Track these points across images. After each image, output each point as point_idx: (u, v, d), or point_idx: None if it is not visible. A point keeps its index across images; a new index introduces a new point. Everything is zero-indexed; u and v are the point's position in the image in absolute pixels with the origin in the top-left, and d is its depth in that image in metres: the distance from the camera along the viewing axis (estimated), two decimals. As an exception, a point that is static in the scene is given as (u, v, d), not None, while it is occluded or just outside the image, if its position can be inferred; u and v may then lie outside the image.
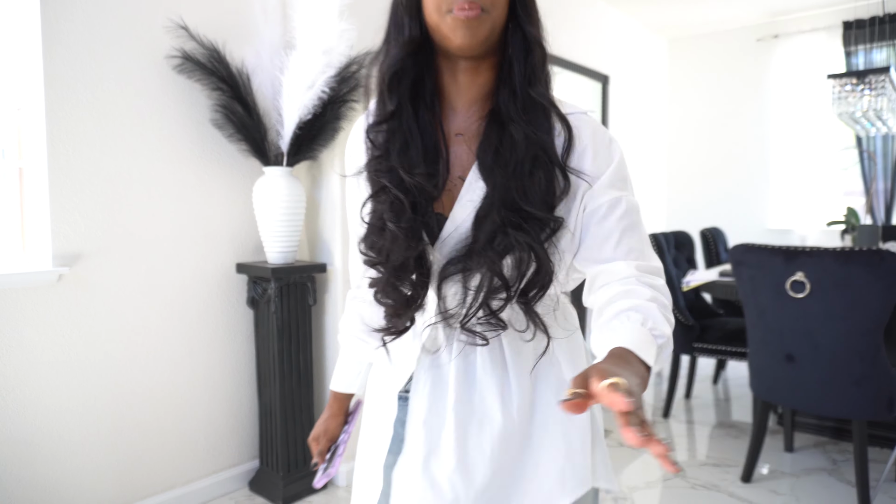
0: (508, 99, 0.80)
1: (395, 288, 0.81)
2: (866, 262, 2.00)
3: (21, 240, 1.98)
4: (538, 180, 0.77)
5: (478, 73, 0.83)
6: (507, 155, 0.78)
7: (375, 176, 0.82)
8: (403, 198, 0.78)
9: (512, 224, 0.75)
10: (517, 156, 0.77)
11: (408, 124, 0.81)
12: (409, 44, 0.80)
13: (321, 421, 1.08)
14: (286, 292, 2.28)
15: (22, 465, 1.86)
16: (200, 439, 2.30)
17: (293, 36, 2.20)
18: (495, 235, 0.76)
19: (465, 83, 0.83)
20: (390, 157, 0.81)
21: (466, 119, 0.84)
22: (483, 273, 0.76)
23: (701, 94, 5.60)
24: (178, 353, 2.23)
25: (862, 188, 4.73)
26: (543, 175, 0.77)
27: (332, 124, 2.29)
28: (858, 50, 4.64)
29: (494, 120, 0.81)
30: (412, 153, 0.80)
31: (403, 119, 0.82)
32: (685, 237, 3.68)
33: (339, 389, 1.06)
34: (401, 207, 0.79)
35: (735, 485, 2.44)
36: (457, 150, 0.84)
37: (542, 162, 0.78)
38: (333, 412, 1.08)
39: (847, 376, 2.11)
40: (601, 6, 4.75)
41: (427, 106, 0.83)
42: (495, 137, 0.79)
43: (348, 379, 1.05)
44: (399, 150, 0.81)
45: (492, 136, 0.80)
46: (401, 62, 0.80)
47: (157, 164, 2.15)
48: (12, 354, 1.84)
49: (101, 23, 1.98)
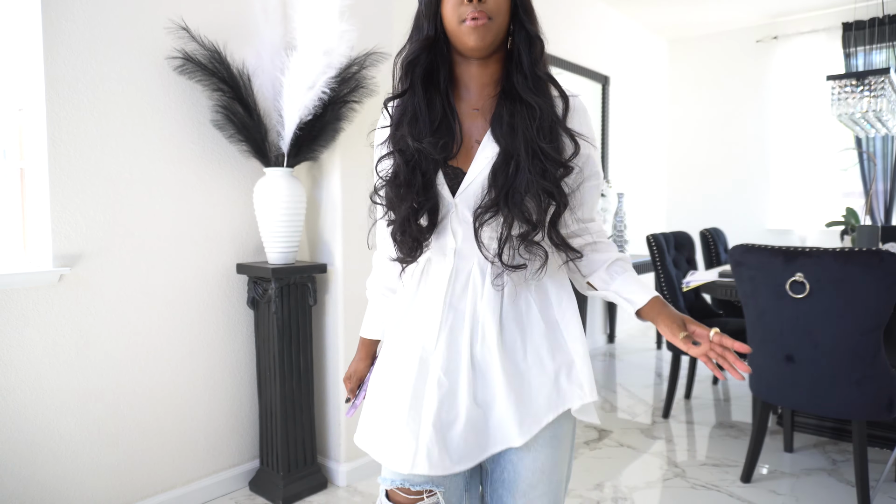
0: (521, 80, 0.99)
1: (404, 230, 1.01)
2: (866, 262, 2.00)
3: (22, 240, 1.99)
4: (556, 142, 0.98)
5: (487, 65, 1.03)
6: (521, 121, 0.97)
7: (391, 142, 1.03)
8: (402, 163, 1.00)
9: (530, 170, 0.95)
10: (536, 122, 0.97)
11: (417, 101, 1.01)
12: (424, 41, 1.00)
13: (352, 364, 1.27)
14: (287, 292, 2.29)
15: (23, 465, 1.87)
16: (201, 439, 2.31)
17: (294, 37, 2.21)
18: (517, 181, 0.95)
19: (478, 73, 1.03)
20: (401, 126, 1.02)
21: (480, 98, 1.05)
22: (518, 216, 0.96)
23: (701, 95, 5.61)
24: (179, 353, 2.24)
25: (861, 189, 4.74)
26: (552, 132, 0.98)
27: (333, 125, 2.29)
28: (858, 51, 4.65)
29: (506, 97, 1.01)
30: (420, 124, 1.01)
31: (415, 97, 1.02)
32: (685, 237, 3.68)
33: (368, 336, 1.25)
34: (404, 170, 1.00)
35: (735, 485, 2.44)
36: (474, 122, 1.04)
37: (555, 126, 0.99)
38: (362, 356, 1.27)
39: (847, 377, 2.11)
40: (601, 7, 4.76)
41: (439, 90, 1.03)
42: (507, 109, 0.99)
43: (375, 326, 1.23)
44: (409, 122, 1.01)
45: (503, 109, 1.00)
46: (415, 54, 1.01)
47: (158, 164, 2.16)
48: (13, 354, 1.84)
49: (102, 23, 1.99)
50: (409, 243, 1.01)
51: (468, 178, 1.00)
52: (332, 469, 2.48)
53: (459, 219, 1.01)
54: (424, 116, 1.00)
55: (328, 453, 2.52)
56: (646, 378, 3.99)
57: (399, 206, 1.00)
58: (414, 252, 1.02)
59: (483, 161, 0.99)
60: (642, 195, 5.44)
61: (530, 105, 0.97)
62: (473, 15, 0.94)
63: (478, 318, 1.02)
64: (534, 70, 0.99)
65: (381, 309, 1.21)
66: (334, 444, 2.49)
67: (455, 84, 1.05)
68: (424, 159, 0.99)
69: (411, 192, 0.98)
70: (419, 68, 1.01)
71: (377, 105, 2.49)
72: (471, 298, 1.02)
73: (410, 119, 1.01)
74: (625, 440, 2.92)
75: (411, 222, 0.99)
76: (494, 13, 0.95)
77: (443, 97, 1.03)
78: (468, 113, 1.04)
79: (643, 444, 2.87)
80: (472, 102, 1.04)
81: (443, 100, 1.03)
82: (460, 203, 1.00)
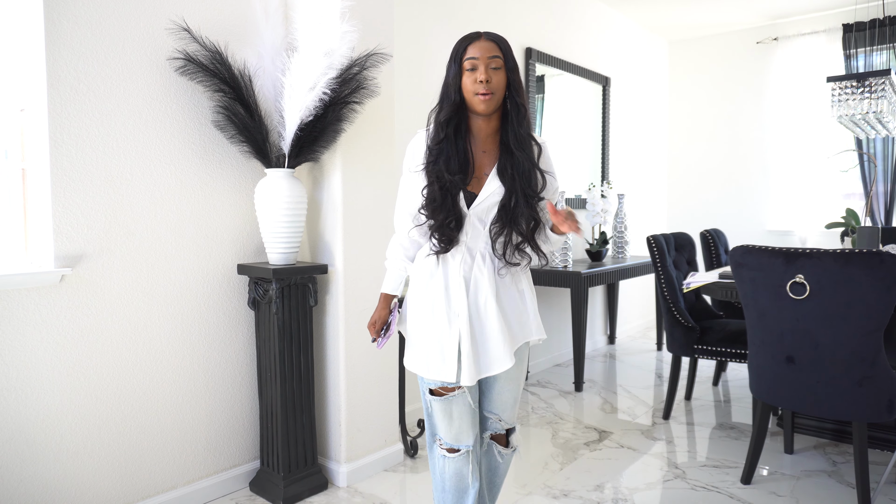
0: (512, 137, 1.55)
1: (442, 231, 1.55)
2: (866, 263, 2.00)
3: (24, 240, 1.99)
4: (534, 181, 1.57)
5: (490, 120, 1.58)
6: (518, 167, 1.54)
7: (431, 173, 1.55)
8: (438, 189, 1.53)
9: (527, 205, 1.55)
10: (523, 168, 1.55)
11: (450, 146, 1.55)
12: (453, 105, 1.54)
13: (375, 312, 1.73)
14: (287, 293, 2.29)
15: (24, 465, 1.87)
16: (201, 439, 2.31)
17: (295, 38, 2.21)
18: (516, 213, 1.55)
19: (484, 125, 1.58)
20: (438, 163, 1.54)
21: (486, 143, 1.60)
22: (516, 231, 1.57)
23: (701, 96, 5.61)
24: (180, 353, 2.24)
25: (862, 190, 4.74)
26: (534, 178, 1.57)
27: (334, 126, 2.29)
28: (858, 53, 4.65)
29: (505, 148, 1.57)
30: (451, 162, 1.54)
31: (448, 144, 1.55)
32: (685, 238, 3.68)
33: (390, 292, 1.73)
34: (435, 195, 1.54)
35: (735, 486, 2.44)
36: (482, 158, 1.59)
37: (533, 171, 1.57)
38: (383, 306, 1.72)
39: (847, 378, 2.11)
40: (602, 8, 4.76)
41: (461, 137, 1.57)
42: (507, 158, 1.56)
43: (394, 285, 1.73)
44: (444, 160, 1.54)
45: (504, 157, 1.56)
46: (449, 115, 1.54)
47: (160, 165, 2.16)
48: (14, 355, 1.85)
49: (103, 24, 1.99)
50: (445, 240, 1.56)
51: (479, 199, 1.55)
52: (333, 470, 2.48)
53: (472, 224, 1.57)
54: (454, 158, 1.53)
55: (328, 454, 2.52)
56: (646, 379, 3.99)
57: (437, 216, 1.53)
58: (450, 245, 1.57)
59: (490, 188, 1.54)
60: (643, 196, 5.44)
61: (519, 159, 1.54)
62: (483, 91, 1.49)
63: (479, 285, 1.58)
64: (519, 130, 1.55)
65: (400, 273, 1.71)
66: (335, 444, 2.49)
67: (468, 131, 1.59)
68: (454, 186, 1.53)
69: (445, 209, 1.53)
70: (451, 124, 1.54)
71: (378, 106, 2.49)
72: (476, 273, 1.58)
73: (445, 159, 1.53)
74: (625, 441, 2.92)
75: (445, 227, 1.54)
76: (496, 89, 1.51)
77: (463, 142, 1.56)
78: (478, 153, 1.59)
79: (643, 446, 2.87)
80: (480, 145, 1.59)
81: (463, 144, 1.56)
82: (473, 215, 1.57)
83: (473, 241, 1.58)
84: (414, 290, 1.67)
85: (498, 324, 1.56)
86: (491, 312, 1.57)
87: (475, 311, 1.58)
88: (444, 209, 1.52)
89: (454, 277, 1.59)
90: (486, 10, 3.67)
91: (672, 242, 3.46)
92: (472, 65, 1.51)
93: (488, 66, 1.50)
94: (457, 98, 1.52)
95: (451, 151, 1.53)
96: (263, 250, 2.46)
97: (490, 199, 1.54)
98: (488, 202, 1.55)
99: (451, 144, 1.53)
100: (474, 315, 1.58)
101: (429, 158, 1.55)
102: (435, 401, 1.64)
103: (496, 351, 1.57)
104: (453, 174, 1.51)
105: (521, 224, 1.55)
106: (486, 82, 1.48)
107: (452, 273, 1.59)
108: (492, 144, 1.59)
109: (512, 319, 1.60)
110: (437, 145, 1.54)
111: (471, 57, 1.51)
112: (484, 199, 1.54)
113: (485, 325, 1.58)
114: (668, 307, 3.13)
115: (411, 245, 1.69)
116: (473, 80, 1.49)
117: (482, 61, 1.50)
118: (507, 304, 1.60)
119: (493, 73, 1.50)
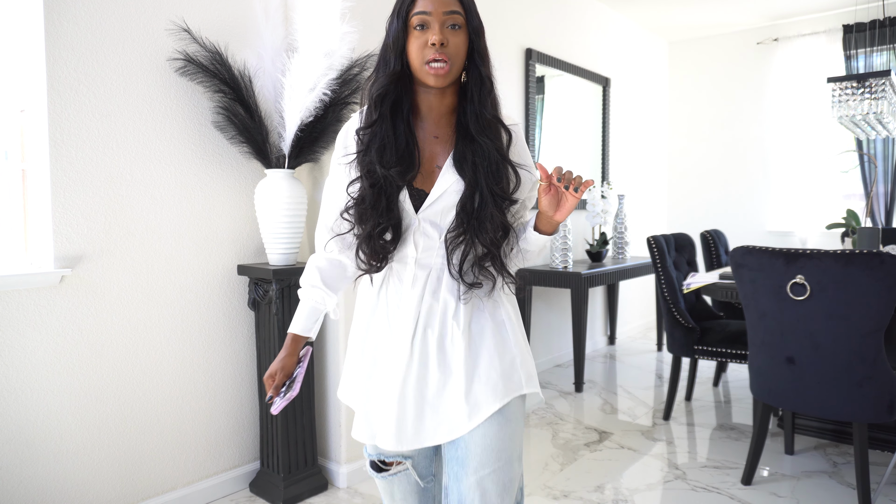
0: (473, 119, 1.15)
1: (369, 244, 1.15)
2: (866, 264, 2.00)
3: (24, 241, 1.99)
4: (504, 177, 1.16)
5: (444, 96, 1.19)
6: (481, 160, 1.14)
7: (359, 166, 1.16)
8: (368, 187, 1.14)
9: (495, 207, 1.14)
10: (489, 161, 1.14)
11: (385, 131, 1.15)
12: (392, 75, 1.14)
13: (277, 360, 1.25)
14: (287, 294, 2.29)
15: (24, 466, 1.87)
16: (201, 440, 2.31)
17: (295, 38, 2.21)
18: (482, 217, 1.13)
19: (436, 103, 1.19)
20: (369, 153, 1.15)
21: (439, 126, 1.21)
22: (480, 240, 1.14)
23: (701, 97, 5.61)
24: (180, 354, 2.24)
25: (862, 191, 4.74)
26: (504, 173, 1.16)
27: (334, 126, 2.29)
28: (858, 53, 4.65)
29: (463, 133, 1.17)
30: (388, 152, 1.14)
31: (383, 127, 1.15)
32: (686, 239, 3.68)
33: (299, 333, 1.26)
34: (363, 194, 1.14)
35: (736, 487, 2.44)
36: (433, 146, 1.20)
37: (503, 163, 1.16)
38: (290, 352, 1.26)
39: (848, 379, 2.11)
40: (602, 9, 4.76)
41: (402, 117, 1.17)
42: (467, 145, 1.16)
43: (305, 323, 1.26)
44: (377, 149, 1.14)
45: (463, 144, 1.16)
46: (384, 87, 1.14)
47: (160, 166, 2.16)
48: (14, 356, 1.84)
49: (103, 25, 1.99)
50: (373, 255, 1.16)
51: (431, 198, 1.16)
52: (333, 470, 2.48)
53: (422, 232, 1.17)
54: (391, 145, 1.14)
55: (329, 455, 2.52)
56: (646, 380, 3.99)
57: (364, 224, 1.15)
58: (379, 263, 1.17)
59: (444, 185, 1.15)
60: (643, 197, 5.44)
61: (483, 146, 1.14)
62: (435, 57, 1.09)
63: (433, 315, 1.18)
64: (482, 110, 1.15)
65: (315, 306, 1.26)
66: (335, 445, 2.49)
67: (414, 111, 1.20)
68: (389, 184, 1.14)
69: (375, 213, 1.13)
70: (388, 100, 1.15)
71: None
72: (429, 299, 1.18)
73: (378, 147, 1.14)
74: (625, 442, 2.92)
75: (374, 238, 1.14)
76: (453, 56, 1.11)
77: (405, 124, 1.17)
78: (428, 139, 1.19)
79: (644, 446, 2.87)
80: (431, 129, 1.20)
81: (405, 127, 1.16)
82: (423, 219, 1.17)
83: (426, 255, 1.18)
84: (354, 330, 1.29)
85: (460, 369, 1.15)
86: (452, 354, 1.16)
87: (423, 350, 1.17)
88: (376, 213, 1.13)
89: (401, 306, 1.19)
90: (486, 10, 3.66)
91: (672, 243, 3.45)
92: (422, 21, 1.11)
93: (444, 25, 1.11)
94: (397, 66, 1.13)
95: (388, 136, 1.14)
96: (263, 251, 2.46)
97: (445, 198, 1.15)
98: (443, 202, 1.16)
99: (387, 127, 1.15)
100: (422, 356, 1.16)
101: (358, 146, 1.17)
102: (376, 477, 1.29)
103: (451, 409, 1.14)
104: (388, 167, 1.12)
105: (487, 230, 1.14)
106: (440, 45, 1.09)
107: (398, 301, 1.19)
108: (446, 127, 1.20)
109: (486, 364, 1.16)
110: (367, 128, 1.16)
111: (420, 11, 1.11)
112: (437, 199, 1.15)
113: (438, 372, 1.16)
114: (668, 308, 3.13)
115: (330, 267, 1.26)
116: (423, 44, 1.10)
117: (436, 18, 1.10)
118: (480, 343, 1.18)
119: (451, 34, 1.11)
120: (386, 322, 1.21)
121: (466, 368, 1.15)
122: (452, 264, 1.17)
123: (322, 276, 1.25)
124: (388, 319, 1.21)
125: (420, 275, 1.18)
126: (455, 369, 1.16)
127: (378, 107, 1.15)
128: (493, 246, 1.15)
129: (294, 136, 2.21)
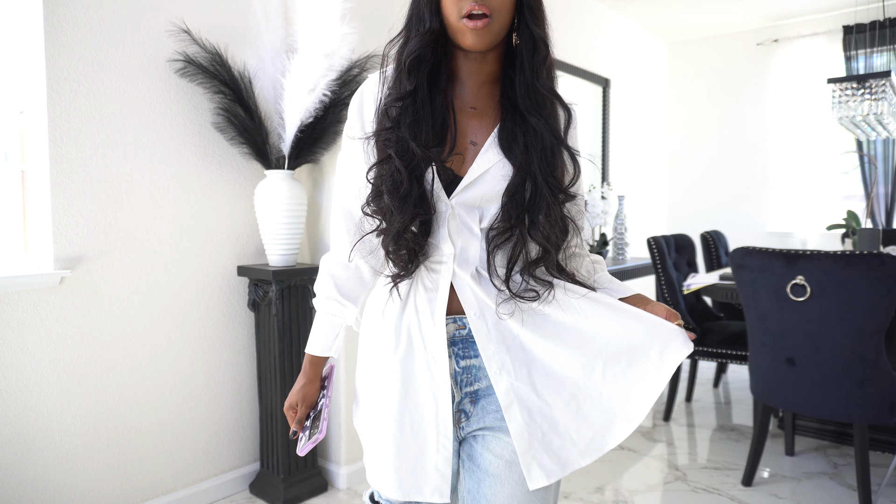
0: (523, 92, 0.94)
1: (399, 241, 0.93)
2: (867, 265, 2.00)
3: (23, 242, 1.99)
4: (560, 166, 0.95)
5: (485, 61, 0.97)
6: (533, 141, 0.93)
7: (384, 145, 0.93)
8: (403, 169, 0.90)
9: (553, 199, 0.92)
10: (543, 144, 0.94)
11: (422, 103, 0.93)
12: (428, 34, 0.92)
13: (297, 389, 1.08)
14: (287, 295, 2.28)
15: (23, 467, 1.87)
16: (201, 442, 2.30)
17: (295, 39, 2.21)
18: (536, 209, 0.92)
19: (475, 69, 0.97)
20: (400, 128, 0.92)
21: (478, 96, 0.99)
22: (535, 238, 0.93)
23: (701, 98, 5.61)
24: (180, 355, 2.24)
25: (862, 192, 4.73)
26: (560, 161, 0.95)
27: (334, 127, 2.29)
28: (859, 54, 4.65)
29: (511, 107, 0.96)
30: (423, 127, 0.92)
31: (419, 99, 0.93)
32: (686, 240, 3.68)
33: (318, 353, 1.07)
34: (399, 179, 0.90)
35: (736, 488, 2.43)
36: (469, 120, 0.98)
37: (558, 148, 0.95)
38: (310, 378, 1.08)
39: (848, 380, 2.11)
40: (602, 9, 4.76)
41: (439, 87, 0.95)
42: (514, 122, 0.95)
43: (326, 342, 1.07)
44: (409, 124, 0.92)
45: (510, 120, 0.95)
46: (420, 50, 0.92)
47: (159, 167, 2.16)
48: (14, 357, 1.84)
49: (103, 27, 1.99)
50: (405, 255, 0.92)
51: (468, 178, 0.93)
52: (333, 472, 2.48)
53: (458, 222, 0.95)
54: (428, 119, 0.92)
55: (329, 456, 2.52)
56: (646, 381, 3.98)
57: (398, 218, 0.91)
58: (411, 265, 0.93)
59: (485, 164, 0.94)
60: (643, 198, 5.44)
61: (535, 126, 0.94)
62: (474, 9, 0.87)
63: (491, 337, 0.94)
64: (535, 80, 0.94)
65: (334, 320, 1.06)
66: (335, 446, 2.49)
67: (451, 78, 0.98)
68: (420, 166, 0.91)
69: (410, 202, 0.90)
70: (425, 66, 0.92)
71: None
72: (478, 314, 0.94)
73: (412, 121, 0.91)
74: (625, 443, 2.91)
75: (406, 233, 0.91)
76: (497, 9, 0.89)
77: (442, 95, 0.95)
78: (464, 111, 0.98)
79: (644, 448, 2.87)
80: (469, 100, 0.98)
81: (442, 98, 0.95)
82: (457, 206, 0.94)
83: (464, 252, 0.96)
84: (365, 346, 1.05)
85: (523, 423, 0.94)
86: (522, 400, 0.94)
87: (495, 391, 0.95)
88: (411, 202, 0.90)
89: (435, 324, 0.95)
90: (487, 11, 3.67)
91: (672, 244, 3.45)
92: None
93: None
94: (434, 23, 0.91)
95: (425, 110, 0.93)
96: (263, 252, 2.46)
97: (487, 181, 0.94)
98: (484, 187, 0.94)
99: (423, 99, 0.93)
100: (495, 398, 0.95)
101: (384, 122, 0.94)
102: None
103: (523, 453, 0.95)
104: (427, 146, 0.91)
105: (541, 227, 0.92)
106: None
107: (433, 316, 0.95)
108: (486, 99, 0.99)
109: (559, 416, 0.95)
110: (398, 101, 0.93)
111: None
112: (475, 181, 0.94)
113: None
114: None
115: (345, 272, 1.05)
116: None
117: None
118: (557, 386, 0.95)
119: None
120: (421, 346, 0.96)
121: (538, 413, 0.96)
122: (495, 269, 0.94)
123: (337, 284, 1.05)
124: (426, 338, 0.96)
125: (462, 276, 0.95)
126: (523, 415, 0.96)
127: (412, 74, 0.92)
128: (551, 245, 0.93)
129: (294, 137, 2.21)
